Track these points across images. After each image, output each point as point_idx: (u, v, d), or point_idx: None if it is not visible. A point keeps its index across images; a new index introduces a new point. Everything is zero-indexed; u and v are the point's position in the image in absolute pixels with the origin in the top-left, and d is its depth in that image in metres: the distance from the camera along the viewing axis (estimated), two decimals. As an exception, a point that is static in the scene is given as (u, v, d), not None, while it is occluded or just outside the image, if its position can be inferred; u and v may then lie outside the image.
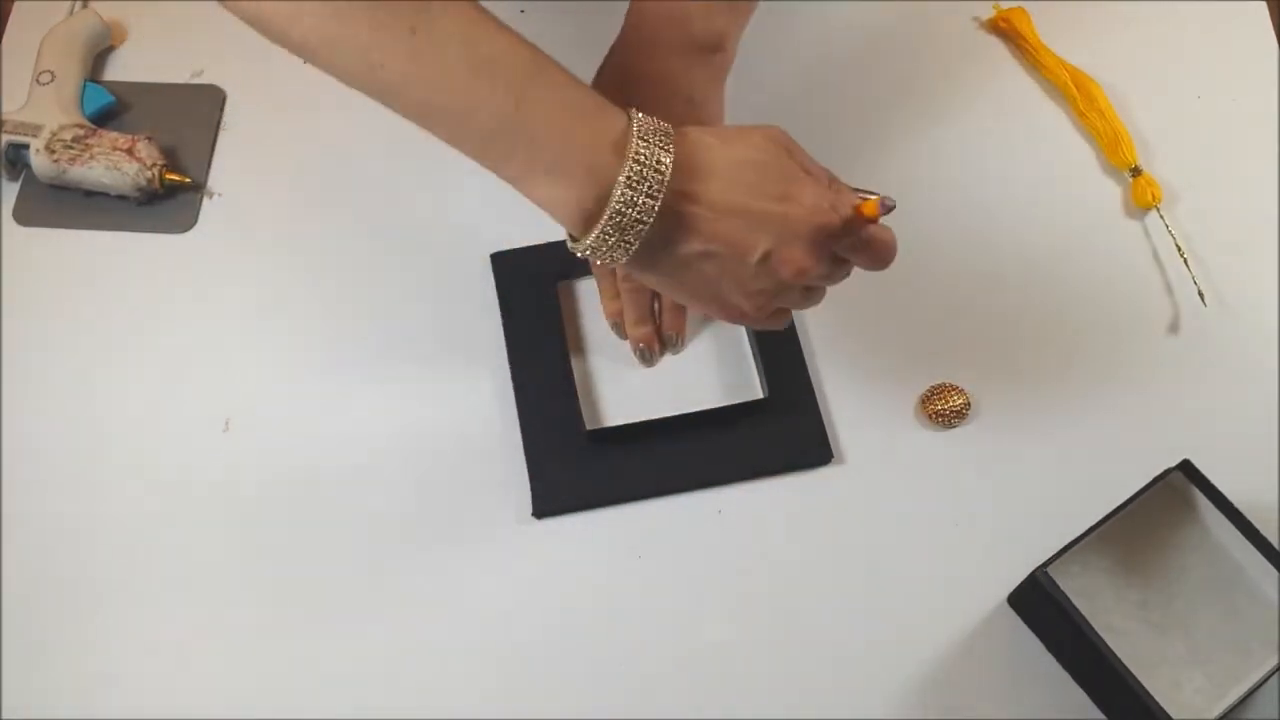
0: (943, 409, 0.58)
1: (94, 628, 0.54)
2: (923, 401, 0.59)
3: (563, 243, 0.61)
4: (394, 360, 0.60)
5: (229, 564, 0.55)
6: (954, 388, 0.59)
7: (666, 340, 0.59)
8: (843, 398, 0.59)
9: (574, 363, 0.59)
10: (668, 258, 0.43)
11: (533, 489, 0.56)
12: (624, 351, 0.60)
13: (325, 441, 0.58)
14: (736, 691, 0.53)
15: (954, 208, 0.65)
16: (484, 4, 0.74)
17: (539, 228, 0.61)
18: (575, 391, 0.58)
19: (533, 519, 0.56)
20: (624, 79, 0.53)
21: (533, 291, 0.61)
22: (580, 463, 0.57)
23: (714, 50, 0.53)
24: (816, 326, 0.61)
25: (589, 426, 0.57)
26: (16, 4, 0.70)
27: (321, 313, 0.61)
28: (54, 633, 0.53)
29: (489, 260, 0.62)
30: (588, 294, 0.62)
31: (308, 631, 0.54)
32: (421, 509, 0.56)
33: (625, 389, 0.60)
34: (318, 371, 0.60)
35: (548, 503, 0.56)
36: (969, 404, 0.58)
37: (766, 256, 0.43)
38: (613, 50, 0.55)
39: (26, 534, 0.55)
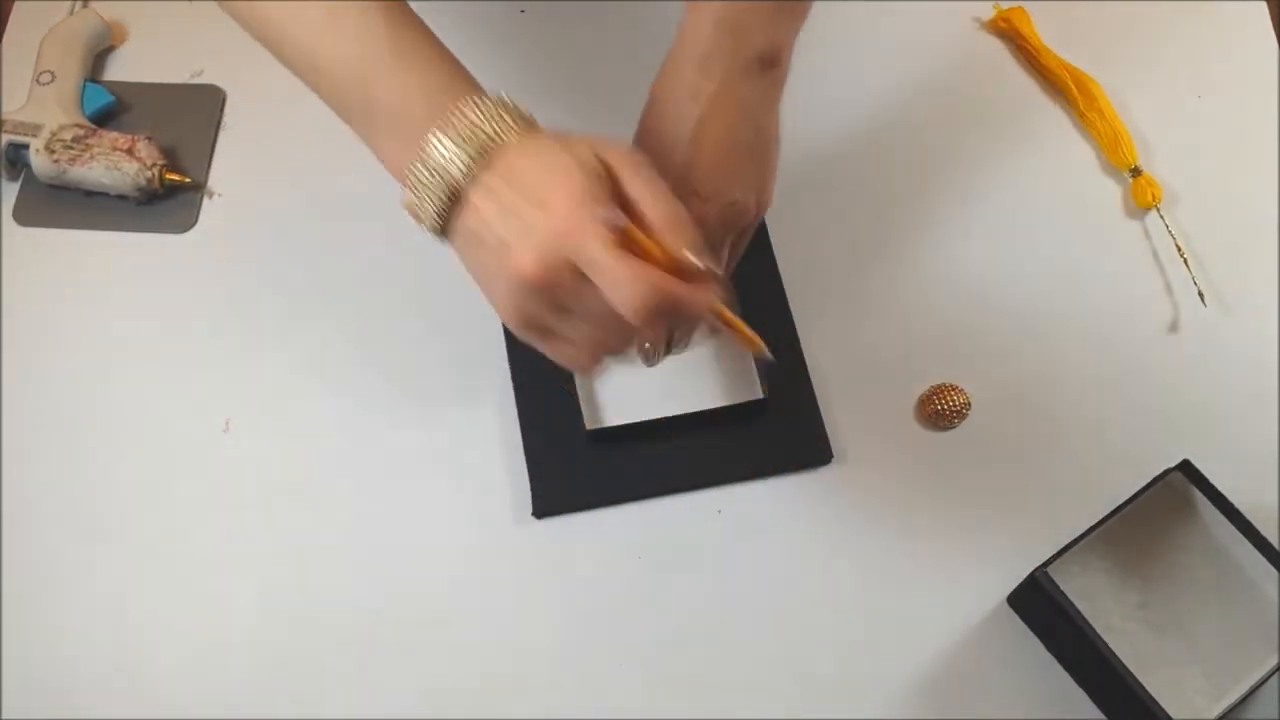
0: (942, 408, 0.58)
1: (92, 625, 0.54)
2: (922, 401, 0.59)
3: None
4: (392, 359, 0.60)
5: (227, 562, 0.55)
6: (953, 387, 0.59)
7: (673, 341, 0.58)
8: (843, 398, 0.59)
9: None
10: (454, 234, 0.44)
11: (533, 489, 0.56)
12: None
13: (324, 440, 0.58)
14: (738, 691, 0.53)
15: (953, 207, 0.65)
16: (485, 5, 0.75)
17: None
18: (575, 391, 0.58)
19: (533, 519, 0.56)
20: (680, 97, 0.49)
21: None
22: (580, 463, 0.57)
23: (772, 64, 0.50)
24: (817, 326, 0.61)
25: (589, 426, 0.57)
26: (17, 4, 0.70)
27: (321, 312, 0.61)
28: (53, 632, 0.53)
29: None
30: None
31: (304, 629, 0.54)
32: (420, 507, 0.56)
33: (625, 389, 0.59)
34: (317, 370, 0.60)
35: (548, 502, 0.56)
36: (969, 403, 0.58)
37: (507, 253, 0.41)
38: (667, 63, 0.51)
39: (25, 532, 0.55)
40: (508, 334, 0.60)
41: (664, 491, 0.57)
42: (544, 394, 0.58)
